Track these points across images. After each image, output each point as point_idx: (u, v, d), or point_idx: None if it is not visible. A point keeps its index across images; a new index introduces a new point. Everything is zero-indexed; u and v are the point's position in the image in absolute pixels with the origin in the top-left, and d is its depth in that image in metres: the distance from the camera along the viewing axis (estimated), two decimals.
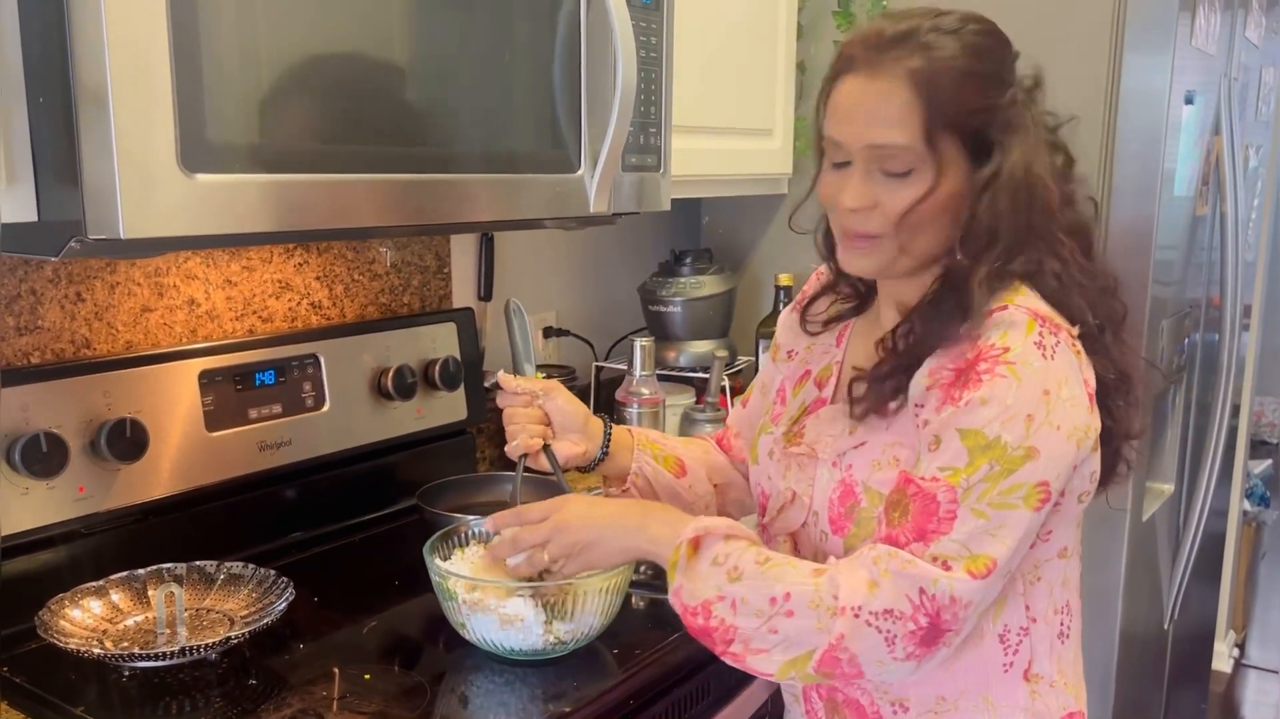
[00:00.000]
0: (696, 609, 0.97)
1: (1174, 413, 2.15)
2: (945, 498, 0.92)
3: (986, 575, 0.91)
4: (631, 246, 2.17)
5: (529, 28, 1.23)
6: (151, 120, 0.89)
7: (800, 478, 1.09)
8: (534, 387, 1.21)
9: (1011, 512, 0.92)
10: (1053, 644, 1.05)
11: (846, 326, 1.17)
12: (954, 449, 0.93)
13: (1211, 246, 2.18)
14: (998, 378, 0.92)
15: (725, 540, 0.99)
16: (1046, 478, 0.93)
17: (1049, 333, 0.95)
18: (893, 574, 0.91)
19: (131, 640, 1.15)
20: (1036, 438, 0.92)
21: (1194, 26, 1.78)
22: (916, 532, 0.93)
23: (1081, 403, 0.95)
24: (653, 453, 1.25)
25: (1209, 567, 2.72)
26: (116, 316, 1.35)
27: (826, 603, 0.92)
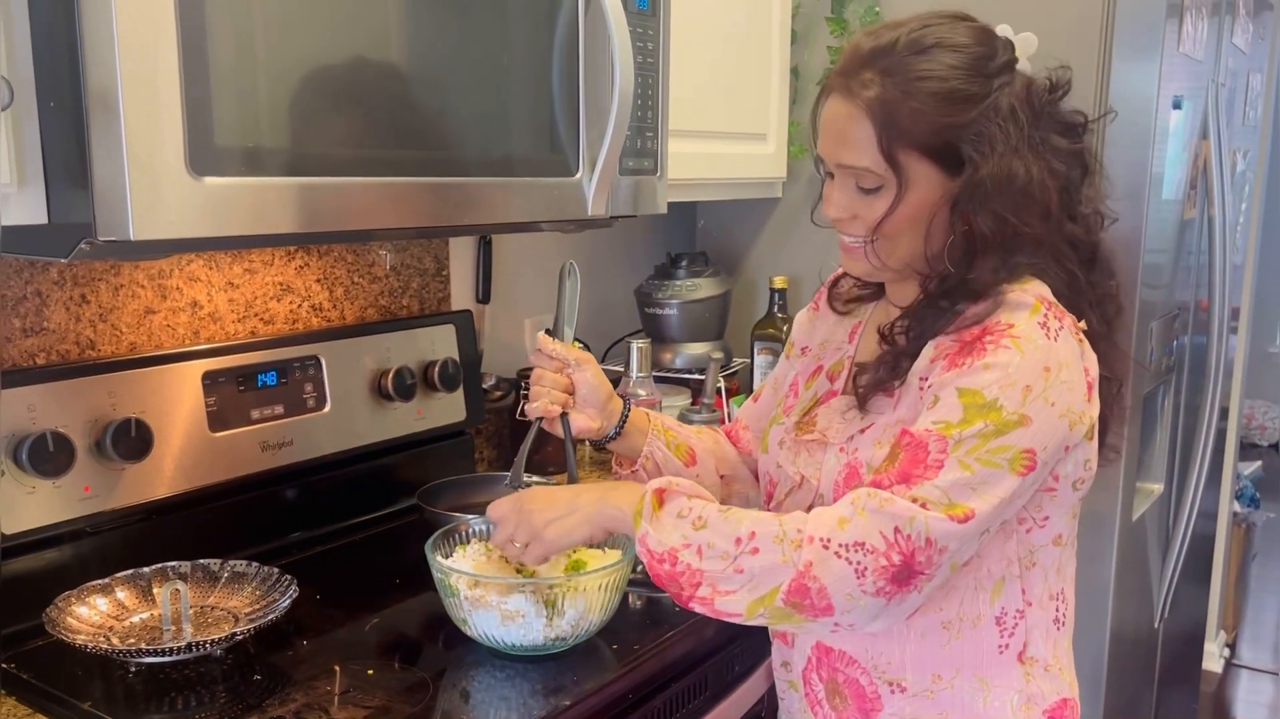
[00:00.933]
0: (663, 555, 1.00)
1: (1163, 414, 2.17)
2: (935, 447, 0.96)
3: (964, 521, 0.94)
4: (628, 249, 2.19)
5: (528, 33, 1.25)
6: (160, 124, 0.91)
7: (809, 463, 1.13)
8: (569, 355, 1.24)
9: (995, 470, 0.95)
10: (1048, 629, 1.09)
11: (859, 325, 1.20)
12: (950, 404, 0.97)
13: (1200, 250, 2.21)
14: (1002, 348, 0.97)
15: (689, 498, 1.03)
16: (1034, 446, 0.96)
17: (1054, 317, 1.00)
18: (869, 511, 0.95)
19: (137, 637, 1.16)
20: (1031, 408, 0.96)
21: (1181, 33, 1.81)
22: (901, 475, 0.97)
23: (1079, 388, 1.00)
24: (666, 439, 1.28)
25: (1198, 567, 2.74)
26: (120, 318, 1.37)
27: (791, 536, 0.96)
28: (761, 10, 1.93)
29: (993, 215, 1.00)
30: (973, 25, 1.05)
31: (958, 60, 1.01)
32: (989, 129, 0.99)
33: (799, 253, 2.14)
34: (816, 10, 2.03)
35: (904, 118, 1.00)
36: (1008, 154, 0.99)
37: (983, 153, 0.99)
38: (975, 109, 0.99)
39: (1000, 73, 1.02)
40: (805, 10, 2.03)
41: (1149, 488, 2.15)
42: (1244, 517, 3.63)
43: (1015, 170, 0.99)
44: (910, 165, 1.01)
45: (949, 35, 1.02)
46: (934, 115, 0.99)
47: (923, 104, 0.99)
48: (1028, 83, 1.03)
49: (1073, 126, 1.07)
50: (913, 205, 1.02)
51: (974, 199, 1.00)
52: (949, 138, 1.00)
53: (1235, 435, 3.24)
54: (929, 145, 1.00)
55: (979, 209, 1.00)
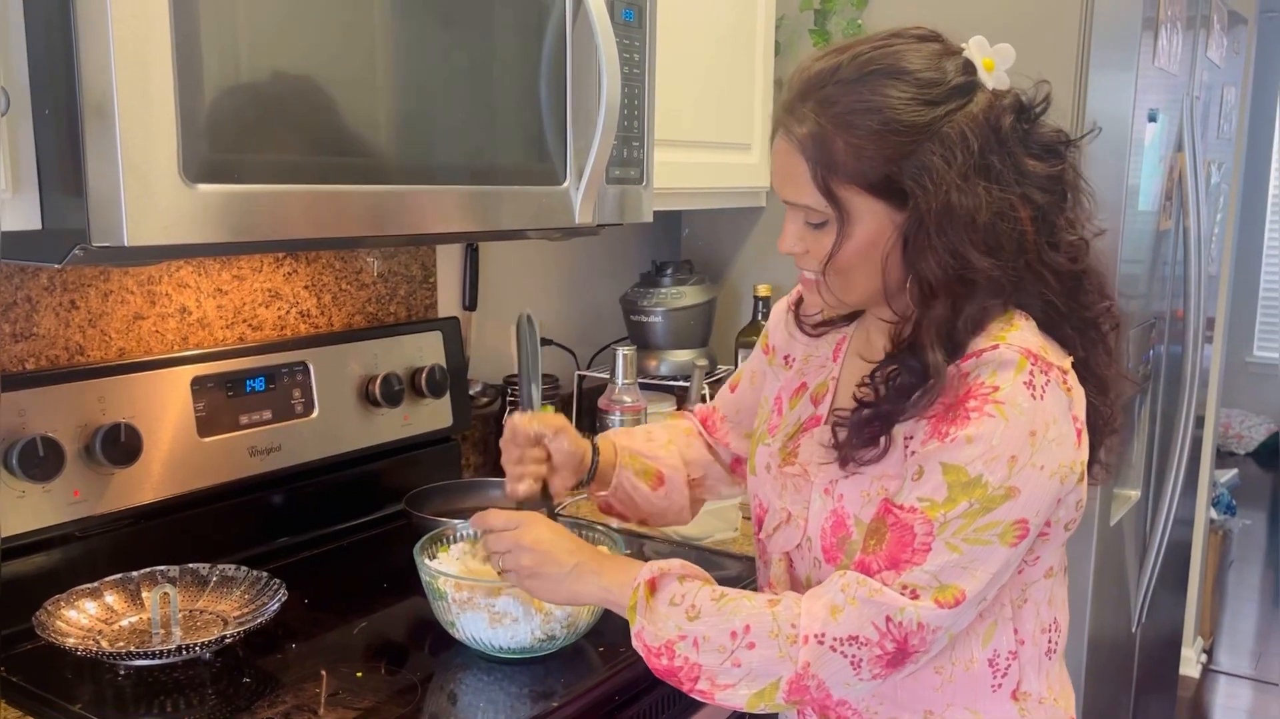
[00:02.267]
0: (660, 650, 0.98)
1: (1140, 422, 2.20)
2: (921, 529, 0.93)
3: (954, 605, 0.92)
4: (613, 258, 2.21)
5: (515, 44, 1.27)
6: (155, 132, 0.92)
7: (796, 499, 1.09)
8: (546, 429, 1.19)
9: (986, 548, 0.93)
10: (1041, 662, 1.06)
11: (843, 340, 1.15)
12: (935, 482, 0.93)
13: (1175, 261, 2.24)
14: (986, 416, 0.92)
15: (680, 581, 1.00)
16: (1025, 516, 0.93)
17: (1040, 372, 0.94)
18: (860, 601, 0.92)
19: (127, 641, 1.17)
20: (1018, 478, 0.92)
21: (1157, 47, 1.84)
22: (890, 560, 0.94)
23: (1068, 440, 0.95)
24: (634, 467, 1.26)
25: (1175, 573, 2.77)
26: (110, 324, 1.38)
27: (786, 632, 0.94)
28: (746, 22, 1.95)
29: (937, 254, 0.94)
30: (929, 47, 0.98)
31: (901, 89, 0.94)
32: (931, 161, 0.93)
33: (783, 261, 2.12)
34: (800, 22, 2.05)
35: (839, 153, 0.95)
36: (953, 186, 0.92)
37: (924, 186, 0.93)
38: (917, 140, 0.93)
39: (949, 98, 0.95)
40: (789, 22, 2.06)
41: (1126, 494, 2.18)
42: (1220, 524, 3.67)
43: (961, 203, 0.93)
44: (851, 201, 0.96)
45: (896, 60, 0.96)
46: (872, 149, 0.94)
47: (859, 138, 0.94)
48: (991, 104, 0.95)
49: (1051, 147, 0.99)
50: (860, 242, 0.97)
51: (918, 237, 0.95)
52: (888, 172, 0.94)
53: (1212, 443, 3.28)
54: (869, 180, 0.95)
55: (924, 249, 0.95)
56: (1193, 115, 2.13)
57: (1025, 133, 0.98)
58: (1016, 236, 0.95)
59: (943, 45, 0.99)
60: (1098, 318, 1.03)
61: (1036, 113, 0.99)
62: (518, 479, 1.18)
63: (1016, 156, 0.96)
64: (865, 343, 1.11)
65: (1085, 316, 1.02)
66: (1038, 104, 0.99)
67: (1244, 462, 5.86)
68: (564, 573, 1.05)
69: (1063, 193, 1.00)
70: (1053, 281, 0.99)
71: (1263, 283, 6.20)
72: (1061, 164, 0.99)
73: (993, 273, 0.94)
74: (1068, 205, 1.01)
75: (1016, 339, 0.95)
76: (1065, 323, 1.01)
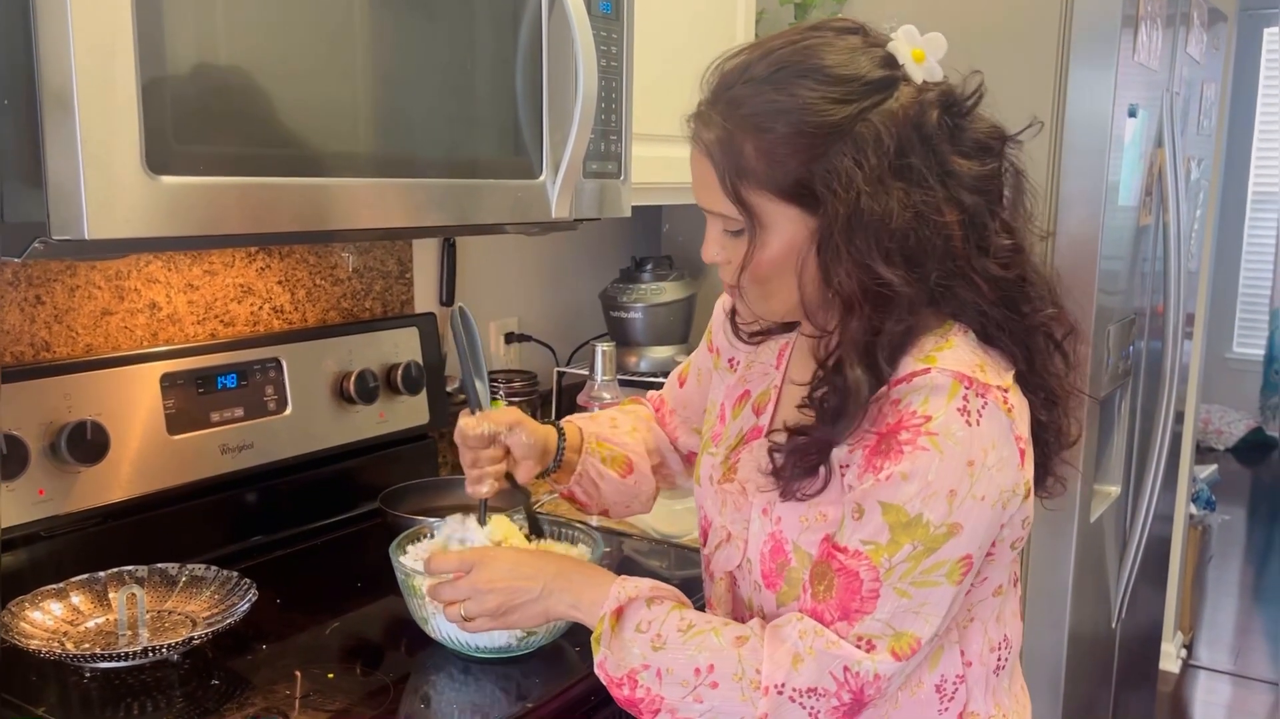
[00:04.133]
0: (621, 680, 0.96)
1: (1120, 418, 2.21)
2: (868, 576, 0.90)
3: (911, 655, 0.91)
4: (593, 253, 2.19)
5: (491, 36, 1.25)
6: (116, 122, 0.90)
7: (736, 518, 1.05)
8: (498, 426, 1.15)
9: (934, 589, 0.90)
10: (988, 681, 1.02)
11: (787, 346, 1.10)
12: (876, 523, 0.89)
13: (1155, 256, 2.24)
14: (919, 450, 0.87)
15: (649, 605, 0.98)
16: (970, 552, 0.90)
17: (975, 395, 0.88)
18: (817, 652, 0.91)
19: (93, 642, 1.15)
20: (959, 513, 0.88)
21: (1136, 42, 1.84)
22: (841, 609, 0.91)
23: (1011, 463, 0.90)
24: (600, 455, 1.23)
25: (1155, 568, 2.78)
26: (76, 320, 1.35)
27: (750, 677, 0.92)
28: (725, 15, 1.94)
29: (848, 266, 0.88)
30: (848, 41, 0.92)
31: (811, 88, 0.88)
32: (842, 164, 0.87)
33: None
34: (780, 16, 2.04)
35: (749, 158, 0.90)
36: (863, 190, 0.86)
37: (835, 191, 0.87)
38: (829, 142, 0.87)
39: (866, 95, 0.88)
40: (769, 16, 2.05)
41: (1106, 490, 2.18)
42: (1200, 519, 3.69)
43: (871, 209, 0.86)
44: (764, 208, 0.91)
45: (809, 57, 0.90)
46: (782, 153, 0.88)
47: (768, 142, 0.89)
48: (915, 100, 0.89)
49: (984, 144, 0.92)
50: (775, 251, 0.92)
51: (828, 245, 0.89)
52: (800, 176, 0.88)
53: (1191, 439, 3.29)
54: (780, 186, 0.90)
55: (835, 258, 0.89)
56: (1173, 111, 2.13)
57: (954, 129, 0.91)
58: (941, 243, 0.89)
59: (865, 38, 0.93)
60: (1040, 326, 0.96)
61: (967, 106, 0.93)
62: (477, 480, 1.16)
63: (943, 155, 0.90)
64: (805, 355, 1.04)
65: (1028, 325, 0.95)
66: (968, 97, 0.93)
67: (1224, 457, 5.90)
68: (533, 599, 1.03)
69: (997, 194, 0.93)
70: (986, 290, 0.92)
71: (1242, 279, 6.24)
72: (995, 162, 0.93)
73: (903, 287, 0.88)
74: (1002, 207, 0.94)
75: (950, 360, 0.90)
76: (1004, 334, 0.94)
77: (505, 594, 1.03)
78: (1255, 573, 4.50)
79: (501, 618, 1.04)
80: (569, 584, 1.03)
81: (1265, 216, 6.13)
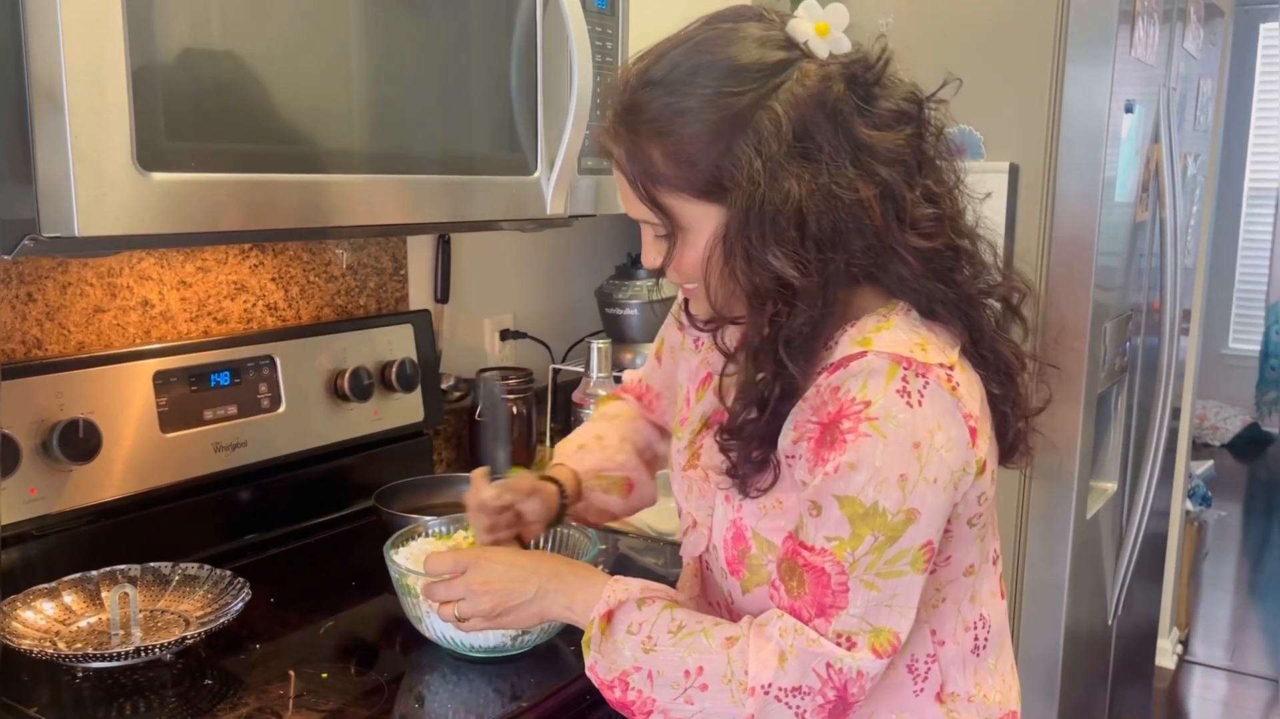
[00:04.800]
0: (613, 683, 0.96)
1: (1116, 414, 2.20)
2: (834, 571, 0.90)
3: (892, 652, 0.91)
4: (588, 250, 2.18)
5: (486, 32, 1.25)
6: (107, 119, 0.89)
7: (700, 504, 1.06)
8: (516, 496, 1.15)
9: (900, 579, 0.90)
10: (966, 661, 1.02)
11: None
12: (835, 518, 0.89)
13: (1152, 252, 2.24)
14: (862, 437, 0.87)
15: (639, 607, 0.98)
16: (930, 538, 0.90)
17: (915, 375, 0.87)
18: (799, 651, 0.91)
19: (85, 642, 1.14)
20: (913, 498, 0.87)
21: (1133, 38, 1.84)
22: (816, 606, 0.91)
23: (959, 442, 0.89)
24: (600, 487, 1.23)
25: (1151, 564, 2.78)
26: (68, 317, 1.34)
27: (738, 678, 0.92)
28: None
29: (748, 258, 0.87)
30: (744, 30, 0.90)
31: (707, 83, 0.87)
32: (744, 154, 0.86)
33: None
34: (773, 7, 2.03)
35: (658, 163, 0.89)
36: (766, 179, 0.85)
37: (739, 183, 0.86)
38: (731, 133, 0.86)
39: (763, 79, 0.87)
40: None
41: (1103, 486, 2.18)
42: (1196, 515, 3.69)
43: (775, 197, 0.85)
44: (681, 209, 0.91)
45: (704, 53, 0.89)
46: (690, 152, 0.88)
47: (673, 144, 0.88)
48: (817, 75, 0.87)
49: (901, 113, 0.90)
50: (699, 249, 0.92)
51: (726, 239, 0.89)
52: (710, 173, 0.88)
53: (1188, 435, 3.29)
54: (695, 185, 0.89)
55: (734, 251, 0.88)
56: (1169, 107, 2.13)
57: (864, 99, 0.89)
58: (856, 221, 0.87)
59: (761, 23, 0.91)
60: (978, 295, 0.95)
61: (874, 74, 0.90)
62: (492, 542, 1.15)
63: (852, 129, 0.87)
64: None
65: (965, 295, 0.94)
66: (874, 64, 0.90)
67: (1220, 453, 5.91)
68: (528, 600, 1.02)
69: (915, 162, 0.90)
70: (914, 263, 0.90)
71: (1239, 275, 6.24)
72: (913, 126, 0.90)
73: (800, 279, 0.87)
74: (920, 177, 0.91)
75: (886, 341, 0.89)
76: (943, 307, 0.93)
77: (500, 596, 1.03)
78: (1251, 569, 4.50)
79: (496, 619, 1.04)
80: (563, 586, 1.02)
81: (1261, 212, 6.13)
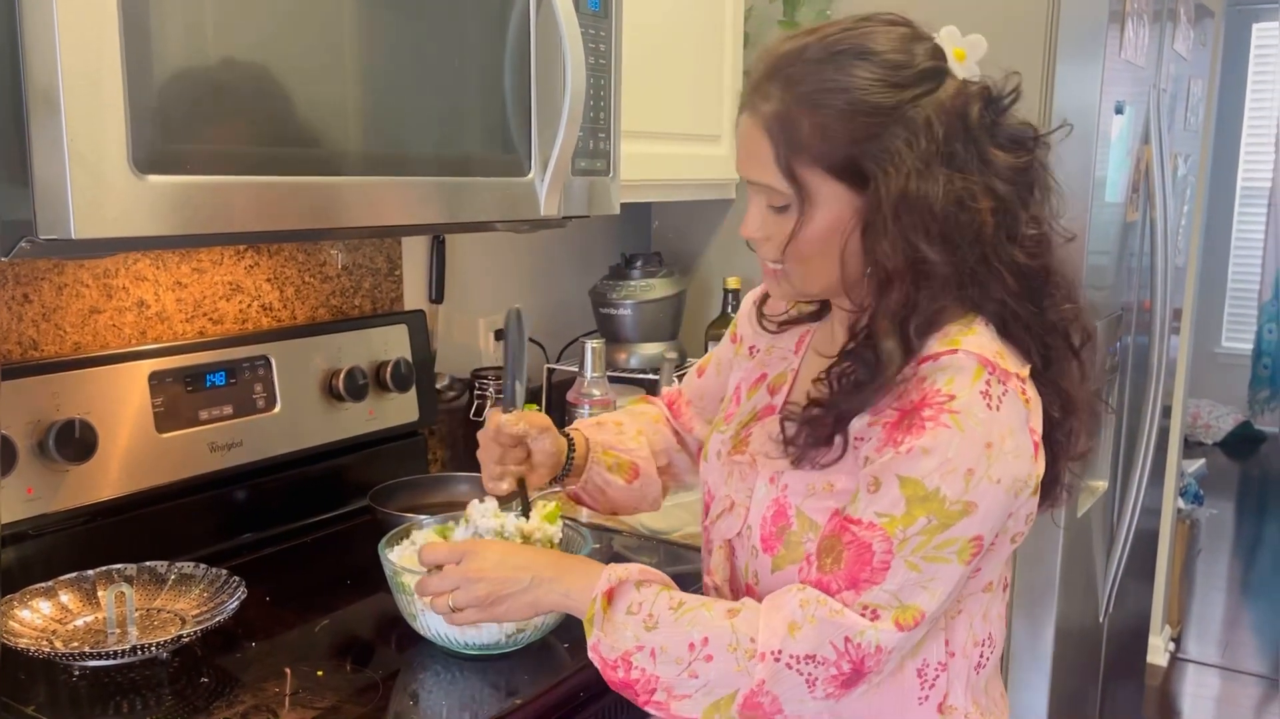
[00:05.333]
0: (616, 662, 0.97)
1: (1107, 413, 2.22)
2: (880, 548, 0.91)
3: (914, 627, 0.92)
4: (582, 250, 2.19)
5: (479, 34, 1.26)
6: (103, 122, 0.90)
7: (740, 487, 1.08)
8: (531, 429, 1.17)
9: (944, 565, 0.92)
10: (969, 676, 1.04)
11: (807, 334, 1.14)
12: (892, 496, 0.91)
13: (1142, 252, 2.25)
14: (941, 427, 0.90)
15: (638, 588, 0.99)
16: (981, 533, 0.92)
17: (997, 381, 0.92)
18: (819, 620, 0.91)
19: (81, 641, 1.15)
20: (975, 492, 0.91)
21: (1123, 39, 1.85)
22: (849, 579, 0.93)
23: (1025, 453, 0.94)
24: (606, 462, 1.25)
25: (1142, 562, 2.80)
26: (64, 318, 1.35)
27: (744, 646, 0.93)
28: (714, 12, 1.94)
29: (893, 240, 0.92)
30: (899, 31, 0.97)
31: (868, 70, 0.93)
32: (894, 145, 0.91)
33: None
34: (769, 13, 2.04)
35: (804, 133, 0.93)
36: (914, 171, 0.91)
37: (886, 171, 0.91)
38: (882, 123, 0.92)
39: (918, 82, 0.93)
40: (757, 12, 2.05)
41: (1094, 485, 2.19)
42: (1188, 513, 3.71)
43: (922, 191, 0.91)
44: (813, 183, 0.94)
45: (864, 42, 0.95)
46: (837, 130, 0.92)
47: (824, 118, 0.93)
48: (960, 92, 0.94)
49: (1019, 140, 0.98)
50: (821, 227, 0.96)
51: (875, 222, 0.93)
52: (852, 154, 0.93)
53: (1179, 433, 3.31)
54: (832, 162, 0.93)
55: (881, 234, 0.93)
56: (1159, 107, 2.14)
57: (993, 123, 0.96)
58: (975, 227, 0.93)
59: (912, 30, 0.98)
60: (1060, 323, 1.00)
61: (1005, 104, 0.98)
62: (499, 478, 1.17)
63: (982, 145, 0.95)
64: (828, 339, 1.09)
65: (1047, 321, 0.99)
66: (1007, 95, 0.98)
67: (1212, 451, 5.93)
68: (522, 589, 1.03)
69: (1028, 186, 0.98)
70: (1009, 279, 0.96)
71: (1231, 274, 6.27)
72: (1028, 156, 0.98)
73: (943, 267, 0.93)
74: (1032, 199, 0.98)
75: (973, 344, 0.93)
76: (1023, 329, 0.98)
77: (494, 583, 1.03)
78: (1244, 566, 4.52)
79: (490, 608, 1.04)
80: (559, 574, 1.03)
81: (1254, 211, 6.15)
